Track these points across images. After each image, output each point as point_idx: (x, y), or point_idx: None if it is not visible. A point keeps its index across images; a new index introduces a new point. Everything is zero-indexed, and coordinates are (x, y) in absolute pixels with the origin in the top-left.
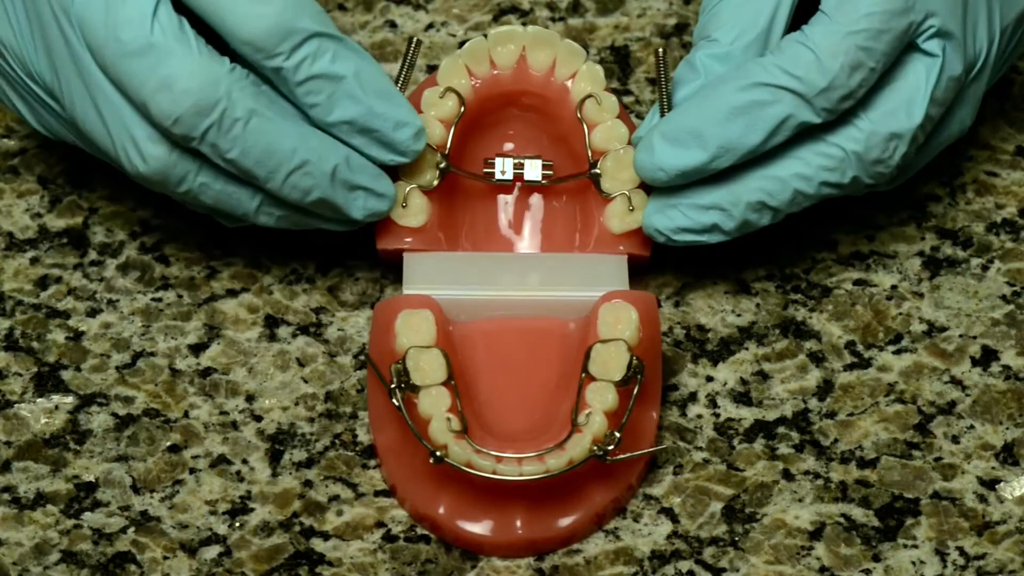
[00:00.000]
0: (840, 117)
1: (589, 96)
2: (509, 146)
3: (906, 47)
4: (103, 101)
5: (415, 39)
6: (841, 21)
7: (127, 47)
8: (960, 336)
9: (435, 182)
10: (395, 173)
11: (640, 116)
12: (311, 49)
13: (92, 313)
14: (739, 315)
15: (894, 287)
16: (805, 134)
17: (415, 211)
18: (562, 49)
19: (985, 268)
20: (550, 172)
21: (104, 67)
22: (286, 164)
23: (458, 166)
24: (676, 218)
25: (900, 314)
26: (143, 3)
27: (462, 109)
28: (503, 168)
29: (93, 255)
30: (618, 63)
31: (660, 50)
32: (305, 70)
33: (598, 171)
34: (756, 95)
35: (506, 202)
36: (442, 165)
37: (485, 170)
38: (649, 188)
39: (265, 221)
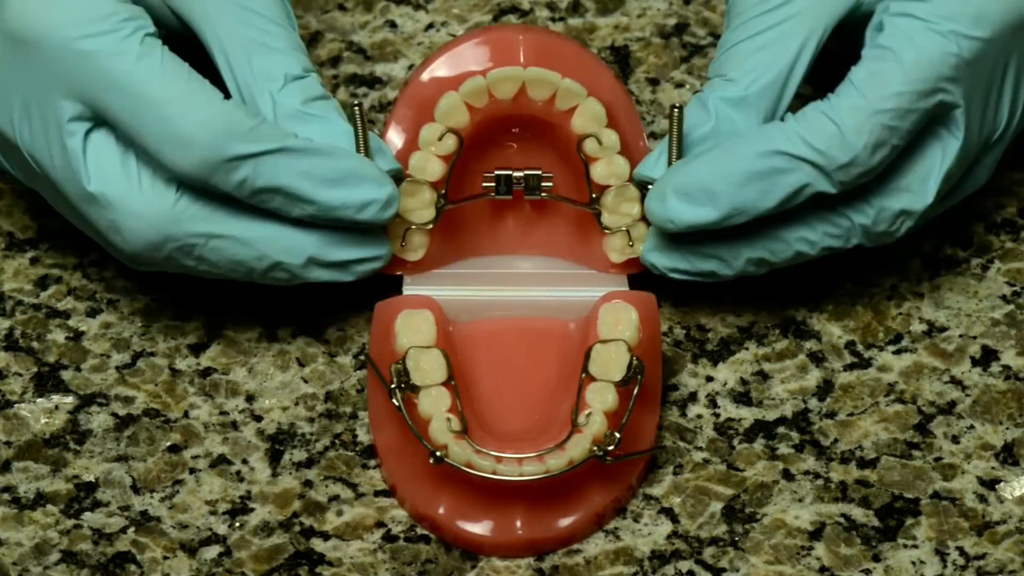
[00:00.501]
0: (852, 189)
1: (590, 136)
2: (509, 159)
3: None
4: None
5: (357, 104)
6: (870, 98)
7: (73, 196)
8: (960, 336)
9: (432, 224)
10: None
11: (640, 116)
12: (248, 171)
13: (92, 313)
14: (739, 315)
15: (894, 287)
16: (816, 201)
17: (414, 247)
18: (562, 87)
19: (985, 268)
20: (550, 184)
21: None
22: (258, 268)
23: (458, 181)
24: (675, 260)
25: (900, 314)
26: (76, 150)
27: (461, 148)
28: (503, 183)
29: (93, 255)
30: (618, 63)
31: (676, 110)
32: (248, 188)
33: (598, 207)
34: (775, 163)
35: (506, 217)
36: (440, 204)
37: (484, 184)
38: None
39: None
